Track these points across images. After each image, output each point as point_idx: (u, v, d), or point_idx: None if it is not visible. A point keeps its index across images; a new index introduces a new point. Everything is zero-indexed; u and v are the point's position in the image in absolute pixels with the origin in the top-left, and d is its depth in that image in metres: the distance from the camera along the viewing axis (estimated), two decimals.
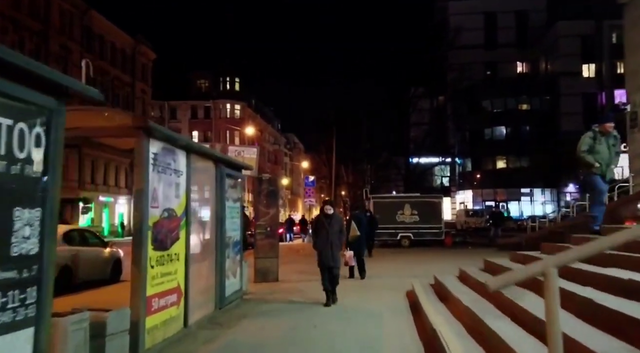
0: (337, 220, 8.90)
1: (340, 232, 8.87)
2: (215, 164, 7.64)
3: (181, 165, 6.24)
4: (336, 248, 8.71)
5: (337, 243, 8.76)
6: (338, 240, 8.79)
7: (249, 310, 8.05)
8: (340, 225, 8.90)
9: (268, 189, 11.96)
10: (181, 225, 6.21)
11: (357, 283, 11.77)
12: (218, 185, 7.66)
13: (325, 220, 8.72)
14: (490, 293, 6.45)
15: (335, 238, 8.65)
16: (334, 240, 8.62)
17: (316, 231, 8.92)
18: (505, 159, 55.80)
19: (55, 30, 39.93)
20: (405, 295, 9.46)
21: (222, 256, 7.67)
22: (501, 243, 21.40)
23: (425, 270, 13.72)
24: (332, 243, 8.59)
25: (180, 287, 6.18)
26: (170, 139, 5.84)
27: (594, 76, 53.35)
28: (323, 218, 8.80)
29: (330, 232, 8.60)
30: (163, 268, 5.69)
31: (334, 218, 8.84)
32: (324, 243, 8.62)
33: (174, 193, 6.04)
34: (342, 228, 8.98)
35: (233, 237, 8.41)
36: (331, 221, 8.68)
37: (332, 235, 8.60)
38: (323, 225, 8.70)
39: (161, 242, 5.65)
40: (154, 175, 5.46)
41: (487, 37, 59.19)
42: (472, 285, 7.76)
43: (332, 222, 8.67)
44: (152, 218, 5.43)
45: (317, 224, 9.04)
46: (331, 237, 8.57)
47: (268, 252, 11.86)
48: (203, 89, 66.91)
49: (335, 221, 8.80)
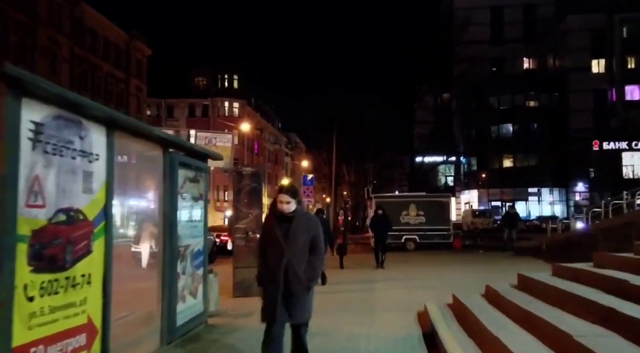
0: (306, 223, 4.41)
1: (314, 246, 4.37)
2: (164, 148, 5.69)
3: (96, 146, 4.31)
4: (301, 283, 4.25)
5: (304, 272, 4.28)
6: (310, 265, 4.33)
7: (210, 344, 6.08)
8: (313, 234, 4.38)
9: (250, 186, 10.04)
10: (95, 233, 4.27)
11: (355, 299, 9.81)
12: (167, 177, 5.71)
13: (278, 225, 4.32)
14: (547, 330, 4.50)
15: (298, 258, 4.26)
16: (296, 265, 4.23)
17: (261, 246, 4.53)
18: (513, 157, 54.20)
19: (43, 22, 38.05)
20: (417, 317, 7.48)
21: (172, 272, 5.70)
22: (518, 248, 19.46)
23: (438, 280, 11.88)
24: (289, 271, 4.20)
25: (94, 322, 4.24)
26: (71, 104, 3.90)
27: (604, 72, 51.57)
28: (275, 222, 4.37)
29: (289, 248, 4.23)
30: (57, 298, 3.76)
31: (301, 220, 4.35)
32: (272, 273, 4.25)
33: (82, 187, 4.10)
34: (316, 238, 4.39)
35: (193, 246, 6.44)
36: (292, 226, 4.28)
37: (295, 253, 4.24)
38: (273, 235, 4.31)
39: (52, 258, 3.72)
40: (35, 157, 3.53)
41: (494, 32, 57.53)
42: (508, 311, 5.80)
43: (294, 228, 4.28)
44: (31, 223, 3.50)
45: (264, 232, 4.61)
46: (291, 258, 4.22)
47: (249, 260, 9.88)
48: (201, 86, 65.12)
49: (303, 225, 4.35)
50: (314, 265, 4.38)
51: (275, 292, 4.23)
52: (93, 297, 4.25)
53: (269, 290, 4.30)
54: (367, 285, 11.53)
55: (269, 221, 4.53)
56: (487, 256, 18.88)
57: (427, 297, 8.52)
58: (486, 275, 11.26)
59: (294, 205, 4.36)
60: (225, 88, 63.97)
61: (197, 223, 6.67)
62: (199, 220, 6.73)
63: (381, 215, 15.50)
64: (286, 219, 4.33)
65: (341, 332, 6.77)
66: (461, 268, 14.58)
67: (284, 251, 4.24)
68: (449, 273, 13.52)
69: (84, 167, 4.15)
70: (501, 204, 51.53)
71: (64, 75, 39.14)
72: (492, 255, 18.94)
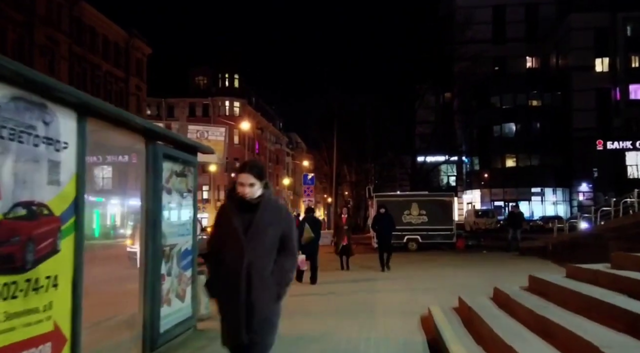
0: (276, 213, 3.34)
1: (286, 245, 3.32)
2: (147, 139, 5.24)
3: (65, 133, 3.86)
4: (269, 292, 3.24)
5: (273, 276, 3.26)
6: (280, 267, 3.29)
7: (196, 352, 5.62)
8: (284, 227, 3.32)
9: None
10: (63, 230, 3.82)
11: (355, 302, 9.35)
12: (150, 170, 5.26)
13: (238, 216, 3.24)
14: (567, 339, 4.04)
15: (264, 260, 3.23)
16: (261, 269, 3.21)
17: (214, 244, 3.41)
18: (515, 157, 53.71)
19: (41, 20, 37.64)
20: (420, 322, 7.01)
21: (155, 274, 5.24)
22: (522, 248, 18.98)
23: (442, 282, 11.42)
24: (253, 276, 3.17)
25: (61, 329, 3.80)
26: (33, 84, 3.45)
27: (608, 70, 51.10)
28: (233, 212, 3.28)
29: (252, 246, 3.19)
30: (15, 303, 3.31)
31: (268, 210, 3.28)
32: (229, 279, 3.20)
33: (46, 179, 3.66)
34: (288, 234, 3.34)
35: (180, 245, 5.99)
36: (256, 217, 3.22)
37: (259, 252, 3.21)
38: (230, 229, 3.24)
39: (8, 258, 3.27)
40: None
41: (496, 30, 57.09)
42: (520, 316, 5.34)
43: (258, 220, 3.22)
44: None
45: (217, 225, 3.41)
46: (254, 259, 3.19)
47: None
48: (201, 86, 64.78)
49: (272, 216, 3.29)
50: (285, 267, 3.29)
51: (236, 305, 3.14)
52: (60, 301, 3.79)
53: (227, 304, 3.23)
54: (367, 287, 11.07)
55: (224, 210, 3.34)
56: (492, 257, 18.41)
57: (431, 300, 8.08)
58: (493, 277, 10.81)
59: (259, 189, 3.22)
60: (226, 87, 63.60)
61: (185, 221, 6.21)
62: (187, 218, 6.28)
63: (384, 214, 14.62)
64: (248, 208, 3.20)
65: (339, 338, 6.32)
66: (466, 270, 14.11)
67: (244, 250, 3.13)
68: (453, 274, 13.06)
69: (50, 156, 3.70)
70: (504, 204, 51.17)
71: (63, 74, 38.75)
72: (496, 256, 18.46)
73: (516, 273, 10.49)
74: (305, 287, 10.99)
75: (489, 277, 10.82)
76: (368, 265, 15.32)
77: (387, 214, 14.64)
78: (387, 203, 21.69)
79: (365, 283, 11.81)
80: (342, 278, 12.71)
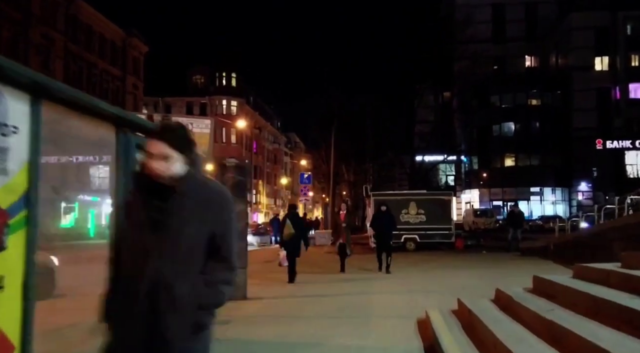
0: (204, 200, 2.20)
1: (219, 247, 2.22)
2: (117, 127, 4.80)
3: (14, 116, 3.42)
4: (184, 316, 2.16)
5: (194, 293, 2.17)
6: (208, 281, 2.19)
7: None
8: (216, 221, 2.22)
9: (234, 179, 9.18)
10: (11, 225, 3.38)
11: (349, 305, 8.93)
12: (120, 161, 4.83)
13: (145, 204, 2.20)
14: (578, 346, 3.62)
15: (180, 267, 2.14)
16: (174, 279, 2.13)
17: (115, 244, 2.38)
18: (514, 156, 53.53)
19: (37, 18, 37.24)
20: (417, 326, 6.57)
21: None
22: (523, 248, 18.56)
23: (440, 283, 11.01)
24: (160, 290, 2.12)
25: (8, 337, 3.36)
26: None
27: (608, 70, 50.87)
28: (139, 198, 2.25)
29: (162, 245, 2.14)
30: None
31: (192, 195, 2.18)
32: (127, 294, 2.18)
33: None
34: (223, 230, 2.23)
35: None
36: (172, 205, 2.15)
37: (173, 255, 2.14)
38: (133, 221, 2.24)
39: None
40: None
41: (495, 30, 56.77)
42: (524, 320, 4.91)
43: (176, 209, 2.15)
44: None
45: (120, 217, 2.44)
46: (164, 265, 2.13)
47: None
48: (199, 84, 64.48)
49: (197, 204, 2.17)
50: (213, 281, 2.21)
51: (132, 332, 2.15)
52: (7, 305, 3.36)
53: (119, 330, 2.23)
54: (363, 288, 10.65)
55: (130, 197, 2.44)
56: (492, 257, 18.00)
57: (429, 302, 7.66)
58: (493, 278, 10.40)
59: (178, 165, 2.19)
60: (224, 86, 63.31)
61: None
62: None
63: (384, 212, 13.90)
64: (160, 193, 2.17)
65: (331, 344, 5.90)
66: (465, 270, 13.66)
67: (148, 256, 2.14)
68: (452, 275, 12.61)
69: None
70: (503, 204, 50.93)
71: (58, 72, 38.36)
72: (496, 256, 18.06)
73: (518, 274, 10.09)
74: (295, 288, 10.59)
75: (489, 278, 10.41)
76: (365, 265, 14.79)
77: (387, 212, 14.01)
78: (384, 202, 21.28)
79: (361, 284, 11.39)
80: (337, 279, 12.29)
